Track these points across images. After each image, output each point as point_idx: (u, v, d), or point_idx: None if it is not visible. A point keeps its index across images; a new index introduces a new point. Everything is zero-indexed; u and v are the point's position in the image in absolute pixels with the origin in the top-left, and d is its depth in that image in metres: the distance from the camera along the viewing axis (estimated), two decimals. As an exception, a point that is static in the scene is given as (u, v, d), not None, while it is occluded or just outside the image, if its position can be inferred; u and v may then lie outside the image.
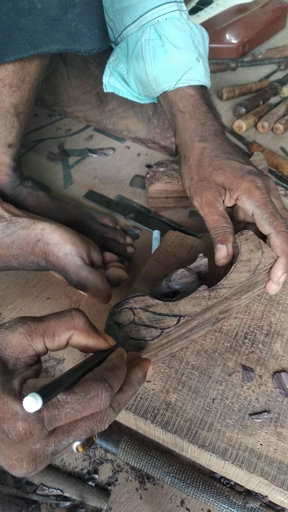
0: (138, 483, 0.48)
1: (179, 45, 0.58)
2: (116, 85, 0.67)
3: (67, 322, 0.33)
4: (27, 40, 0.46)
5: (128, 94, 0.68)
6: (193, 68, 0.59)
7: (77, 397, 0.30)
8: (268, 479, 0.41)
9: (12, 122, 0.58)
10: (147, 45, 0.59)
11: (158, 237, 0.71)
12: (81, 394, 0.30)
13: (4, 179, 0.65)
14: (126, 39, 0.61)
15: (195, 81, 0.59)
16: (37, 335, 0.32)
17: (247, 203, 0.49)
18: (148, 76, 0.60)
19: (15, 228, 0.53)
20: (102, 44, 0.50)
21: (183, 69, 0.58)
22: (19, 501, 0.46)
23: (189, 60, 0.58)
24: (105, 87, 0.68)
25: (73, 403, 0.30)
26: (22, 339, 0.32)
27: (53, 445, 0.30)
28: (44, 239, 0.52)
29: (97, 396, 0.31)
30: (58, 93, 0.91)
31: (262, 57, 1.10)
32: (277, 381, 0.47)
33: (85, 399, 0.30)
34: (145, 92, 0.63)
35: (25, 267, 0.55)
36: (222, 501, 0.45)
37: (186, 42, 0.59)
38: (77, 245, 0.53)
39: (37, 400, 0.25)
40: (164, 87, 0.59)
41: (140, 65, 0.60)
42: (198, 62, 0.59)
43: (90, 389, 0.30)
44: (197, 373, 0.48)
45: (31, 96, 0.57)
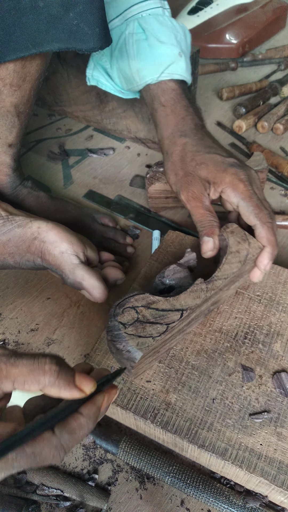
0: (138, 483, 0.48)
1: (162, 40, 0.60)
2: (100, 79, 0.68)
3: (37, 377, 0.32)
4: (28, 38, 0.46)
5: (111, 88, 0.68)
6: (175, 63, 0.60)
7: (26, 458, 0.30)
8: (268, 479, 0.41)
9: (12, 121, 0.58)
10: (130, 38, 0.60)
11: (158, 237, 0.71)
12: (31, 455, 0.30)
13: (4, 179, 0.65)
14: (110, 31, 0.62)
15: (177, 75, 0.60)
16: (7, 379, 0.32)
17: (232, 195, 0.51)
18: (131, 68, 0.61)
19: (11, 226, 0.53)
20: (104, 43, 0.50)
21: (165, 63, 0.59)
22: (19, 501, 0.46)
23: (171, 55, 0.60)
24: (88, 80, 0.69)
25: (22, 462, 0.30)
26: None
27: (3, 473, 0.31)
28: (41, 237, 0.52)
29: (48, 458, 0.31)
30: (58, 93, 0.91)
31: (262, 57, 1.10)
32: (277, 381, 0.47)
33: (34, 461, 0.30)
34: (128, 85, 0.64)
35: (21, 265, 0.55)
36: (222, 501, 0.45)
37: (169, 37, 0.60)
38: (74, 243, 0.53)
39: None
40: (147, 79, 0.60)
41: (123, 58, 0.61)
42: (180, 57, 0.60)
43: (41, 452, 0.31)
44: (197, 373, 0.48)
45: (31, 96, 0.57)
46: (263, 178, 0.72)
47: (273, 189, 0.79)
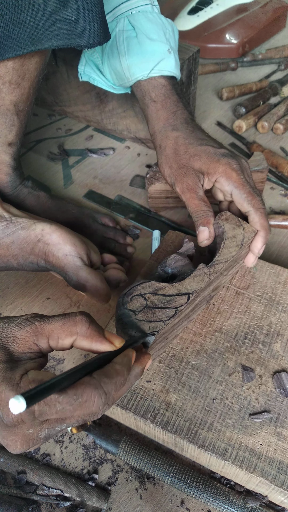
0: (138, 483, 0.48)
1: (152, 37, 0.61)
2: (91, 74, 0.69)
3: (70, 328, 0.34)
4: (27, 36, 0.46)
5: (103, 83, 0.69)
6: (165, 59, 0.61)
7: (68, 399, 0.31)
8: (268, 479, 0.41)
9: (12, 120, 0.58)
10: (121, 35, 0.61)
11: (158, 237, 0.71)
12: (73, 397, 0.31)
13: (4, 178, 0.65)
14: None
15: (167, 71, 0.61)
16: (42, 336, 0.34)
17: (226, 184, 0.53)
18: (122, 65, 0.62)
19: (15, 228, 0.53)
20: (102, 38, 0.50)
21: (155, 60, 0.60)
22: (19, 501, 0.46)
23: (161, 52, 0.61)
24: (80, 76, 0.70)
25: (64, 404, 0.31)
26: (28, 337, 0.34)
27: (47, 430, 0.32)
28: (44, 239, 0.52)
29: (89, 401, 0.32)
30: (58, 93, 0.91)
31: (262, 57, 1.10)
32: (277, 381, 0.47)
33: (76, 402, 0.31)
34: (119, 81, 0.65)
35: (25, 267, 0.55)
36: (222, 501, 0.45)
37: (158, 35, 0.61)
38: (77, 245, 0.53)
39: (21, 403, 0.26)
40: (137, 76, 0.61)
41: (114, 55, 0.62)
42: (170, 54, 0.61)
43: (83, 394, 0.31)
44: (197, 373, 0.48)
45: (31, 94, 0.57)
46: (263, 178, 0.72)
47: (273, 189, 0.79)
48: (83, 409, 0.32)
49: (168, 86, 0.61)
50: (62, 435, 0.52)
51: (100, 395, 0.32)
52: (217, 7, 1.13)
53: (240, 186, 0.52)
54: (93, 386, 0.32)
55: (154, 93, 0.61)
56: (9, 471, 0.48)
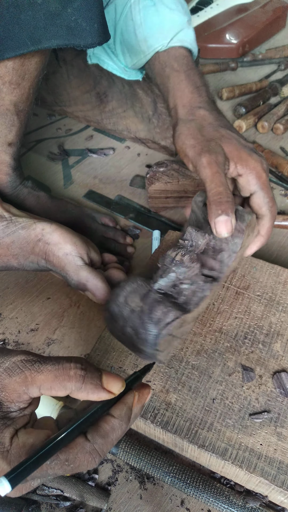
0: (138, 483, 0.48)
1: (171, 7, 0.58)
2: (101, 56, 0.66)
3: (64, 382, 0.32)
4: (27, 35, 0.46)
5: (113, 67, 0.67)
6: (184, 30, 0.58)
7: (60, 466, 0.30)
8: (268, 479, 0.41)
9: (12, 120, 0.58)
10: (137, 5, 0.58)
11: (158, 237, 0.71)
12: (65, 463, 0.30)
13: (4, 178, 0.65)
14: (114, 2, 0.60)
15: (187, 43, 0.58)
16: (33, 386, 0.32)
17: (253, 183, 0.49)
18: (138, 37, 0.59)
19: (15, 228, 0.53)
20: (102, 39, 0.50)
21: (175, 29, 0.57)
22: (19, 501, 0.46)
23: (181, 22, 0.58)
24: (89, 58, 0.67)
25: (56, 470, 0.30)
26: (18, 387, 0.31)
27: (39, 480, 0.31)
28: (45, 239, 0.52)
29: (83, 465, 0.31)
30: (58, 93, 0.91)
31: (262, 57, 1.10)
32: (277, 381, 0.47)
33: (69, 468, 0.30)
34: (133, 60, 0.62)
35: (25, 267, 0.55)
36: (222, 501, 0.45)
37: (176, 5, 0.59)
38: (77, 245, 0.53)
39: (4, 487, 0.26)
40: (156, 46, 0.58)
41: (129, 28, 0.59)
42: (189, 25, 0.59)
43: (75, 460, 0.30)
44: (197, 373, 0.48)
45: (31, 94, 0.57)
46: (263, 178, 0.72)
47: (273, 189, 0.79)
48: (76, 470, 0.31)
49: (190, 57, 0.58)
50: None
51: (94, 458, 0.31)
52: (217, 7, 1.13)
53: (266, 189, 0.49)
54: (86, 450, 0.31)
55: (176, 63, 0.57)
56: (9, 471, 0.48)
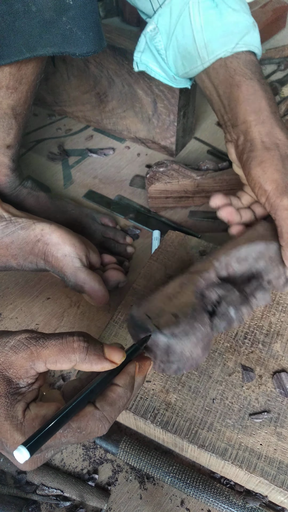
0: (138, 483, 0.48)
1: (235, 7, 0.53)
2: (149, 64, 0.60)
3: (68, 355, 0.33)
4: (22, 43, 0.46)
5: (161, 75, 0.61)
6: (250, 33, 0.52)
7: (73, 433, 0.32)
8: (268, 479, 0.41)
9: (10, 123, 0.58)
10: (196, 7, 0.52)
11: (158, 237, 0.71)
12: (77, 430, 0.32)
13: (3, 179, 0.65)
14: (169, 4, 0.54)
15: (254, 47, 0.52)
16: (39, 360, 0.33)
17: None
18: (197, 43, 0.53)
19: (14, 228, 0.53)
20: (97, 47, 0.49)
21: (241, 32, 0.52)
22: (19, 501, 0.46)
23: (246, 23, 0.53)
24: (136, 65, 0.61)
25: (69, 437, 0.32)
26: (24, 362, 0.32)
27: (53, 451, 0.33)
28: (44, 239, 0.52)
29: (94, 431, 0.32)
30: (58, 93, 0.91)
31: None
32: (277, 381, 0.47)
33: (81, 435, 0.32)
34: (186, 68, 0.56)
35: (24, 267, 0.55)
36: (222, 501, 0.45)
37: (240, 5, 0.53)
38: (76, 246, 0.53)
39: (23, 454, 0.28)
40: (218, 53, 0.52)
41: (186, 32, 0.53)
42: (255, 27, 0.54)
43: (86, 426, 0.32)
44: (197, 373, 0.48)
45: (28, 98, 0.57)
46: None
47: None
48: (88, 437, 0.33)
49: (259, 65, 0.53)
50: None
51: (104, 424, 0.33)
52: (217, 7, 1.13)
53: None
54: (96, 417, 0.32)
55: (249, 70, 0.51)
56: (9, 471, 0.48)
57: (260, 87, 0.50)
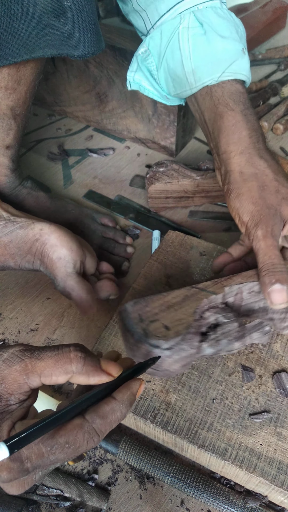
0: (138, 483, 0.48)
1: (224, 34, 0.52)
2: (142, 83, 0.61)
3: (64, 366, 0.32)
4: (20, 44, 0.46)
5: (154, 93, 0.62)
6: (239, 60, 0.52)
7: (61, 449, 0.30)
8: (268, 479, 0.41)
9: (9, 124, 0.58)
10: (185, 33, 0.52)
11: (158, 237, 0.71)
12: (65, 445, 0.30)
13: (2, 180, 0.65)
14: (160, 27, 0.55)
15: (242, 75, 0.53)
16: (33, 374, 0.31)
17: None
18: (185, 68, 0.53)
19: (13, 228, 0.53)
20: (96, 49, 0.49)
21: (228, 60, 0.52)
22: (19, 501, 0.46)
23: (234, 51, 0.52)
24: (129, 84, 0.62)
25: (57, 454, 0.30)
26: (18, 376, 0.31)
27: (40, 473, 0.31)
28: (42, 239, 0.52)
29: (82, 445, 0.30)
30: (58, 93, 0.91)
31: (262, 57, 1.10)
32: (277, 381, 0.47)
33: (70, 450, 0.30)
34: (176, 90, 0.56)
35: (21, 266, 0.55)
36: (222, 501, 0.45)
37: (230, 32, 0.53)
38: (73, 250, 0.52)
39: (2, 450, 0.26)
40: (205, 80, 0.52)
41: (175, 57, 0.54)
42: (244, 54, 0.53)
43: (75, 441, 0.30)
44: (197, 373, 0.48)
45: (27, 98, 0.57)
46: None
47: (273, 189, 0.79)
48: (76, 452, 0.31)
49: (246, 94, 0.53)
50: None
51: (92, 437, 0.31)
52: (217, 7, 1.13)
53: None
54: (85, 429, 0.31)
55: (232, 101, 0.51)
56: (9, 471, 0.48)
57: (242, 118, 0.50)
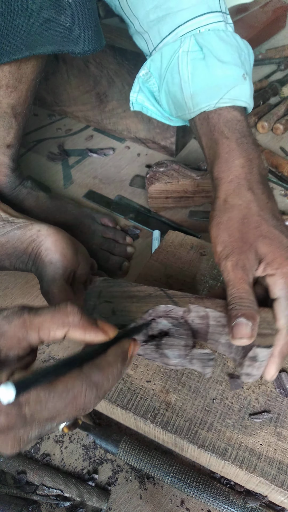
0: (138, 483, 0.48)
1: (224, 59, 0.51)
2: (145, 103, 0.60)
3: (61, 319, 0.33)
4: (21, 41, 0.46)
5: (157, 114, 0.61)
6: (238, 86, 0.51)
7: (59, 395, 0.30)
8: (268, 479, 0.41)
9: (10, 123, 0.58)
10: (185, 57, 0.52)
11: (158, 237, 0.71)
12: (63, 393, 0.30)
13: (3, 179, 0.65)
14: (161, 50, 0.54)
15: (241, 101, 0.51)
16: (32, 329, 0.32)
17: (279, 287, 0.43)
18: (184, 93, 0.53)
19: (11, 228, 0.53)
20: (96, 46, 0.49)
21: (227, 86, 0.50)
22: (19, 501, 0.46)
23: (234, 77, 0.51)
24: (131, 105, 0.61)
25: (55, 401, 0.30)
26: (17, 331, 0.32)
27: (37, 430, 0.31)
28: (38, 240, 0.52)
29: (80, 396, 0.30)
30: (58, 93, 0.91)
31: (262, 57, 1.10)
32: (277, 381, 0.47)
33: (67, 398, 0.30)
34: (177, 112, 0.56)
35: (16, 266, 0.54)
36: (222, 501, 0.45)
37: (232, 57, 0.51)
38: (66, 257, 0.51)
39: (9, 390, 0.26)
40: (202, 106, 0.51)
41: (175, 81, 0.53)
42: (245, 80, 0.52)
43: (73, 387, 0.30)
44: (197, 373, 0.48)
45: (28, 97, 0.57)
46: (263, 178, 0.72)
47: (273, 189, 0.79)
48: (74, 404, 0.31)
49: (244, 122, 0.51)
50: (62, 435, 0.52)
51: (91, 388, 0.31)
52: (217, 7, 1.13)
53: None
54: (83, 379, 0.31)
55: (227, 128, 0.50)
56: (9, 471, 0.48)
57: (236, 146, 0.49)
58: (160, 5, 0.52)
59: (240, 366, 0.44)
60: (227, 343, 0.45)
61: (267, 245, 0.44)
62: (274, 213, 0.47)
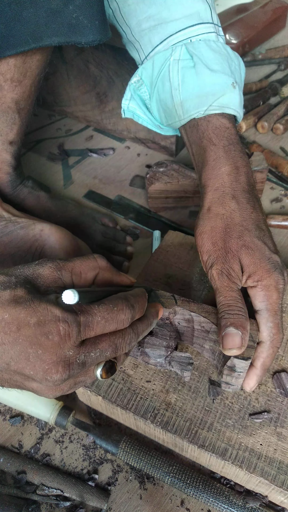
0: (138, 483, 0.48)
1: (213, 68, 0.51)
2: (136, 111, 0.61)
3: (91, 263, 0.37)
4: (28, 32, 0.46)
5: (148, 122, 0.61)
6: (227, 94, 0.51)
7: (106, 308, 0.34)
8: (268, 479, 0.41)
9: (13, 118, 0.58)
10: (175, 65, 0.52)
11: (158, 237, 0.71)
12: (109, 305, 0.34)
13: (4, 177, 0.65)
14: (152, 58, 0.55)
15: (230, 109, 0.51)
16: (65, 270, 0.36)
17: (260, 300, 0.44)
18: (174, 100, 0.53)
19: (14, 228, 0.53)
20: (103, 35, 0.49)
21: (216, 94, 0.51)
22: (19, 501, 0.46)
23: (223, 85, 0.51)
24: (123, 112, 0.62)
25: (103, 312, 0.34)
26: (52, 272, 0.35)
27: (83, 355, 0.33)
28: (42, 239, 0.52)
29: (122, 310, 0.35)
30: (58, 93, 0.91)
31: (262, 57, 1.10)
32: (277, 381, 0.47)
33: (113, 310, 0.34)
34: (168, 120, 0.56)
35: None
36: (222, 501, 0.45)
37: (221, 66, 0.52)
38: (70, 255, 0.52)
39: (75, 294, 0.31)
40: (192, 113, 0.52)
41: (165, 88, 0.54)
42: (234, 88, 0.52)
43: (117, 303, 0.35)
44: (197, 373, 0.48)
45: (32, 92, 0.57)
46: (263, 178, 0.72)
47: (273, 189, 0.79)
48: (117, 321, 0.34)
49: (232, 129, 0.51)
50: (62, 435, 0.52)
51: (129, 307, 0.35)
52: (217, 7, 1.13)
53: (273, 312, 0.43)
54: (124, 298, 0.36)
55: (215, 136, 0.50)
56: (9, 471, 0.48)
57: (223, 154, 0.49)
58: (152, 15, 0.53)
59: (220, 374, 0.45)
60: (211, 349, 0.46)
61: (249, 256, 0.44)
62: (258, 224, 0.46)
